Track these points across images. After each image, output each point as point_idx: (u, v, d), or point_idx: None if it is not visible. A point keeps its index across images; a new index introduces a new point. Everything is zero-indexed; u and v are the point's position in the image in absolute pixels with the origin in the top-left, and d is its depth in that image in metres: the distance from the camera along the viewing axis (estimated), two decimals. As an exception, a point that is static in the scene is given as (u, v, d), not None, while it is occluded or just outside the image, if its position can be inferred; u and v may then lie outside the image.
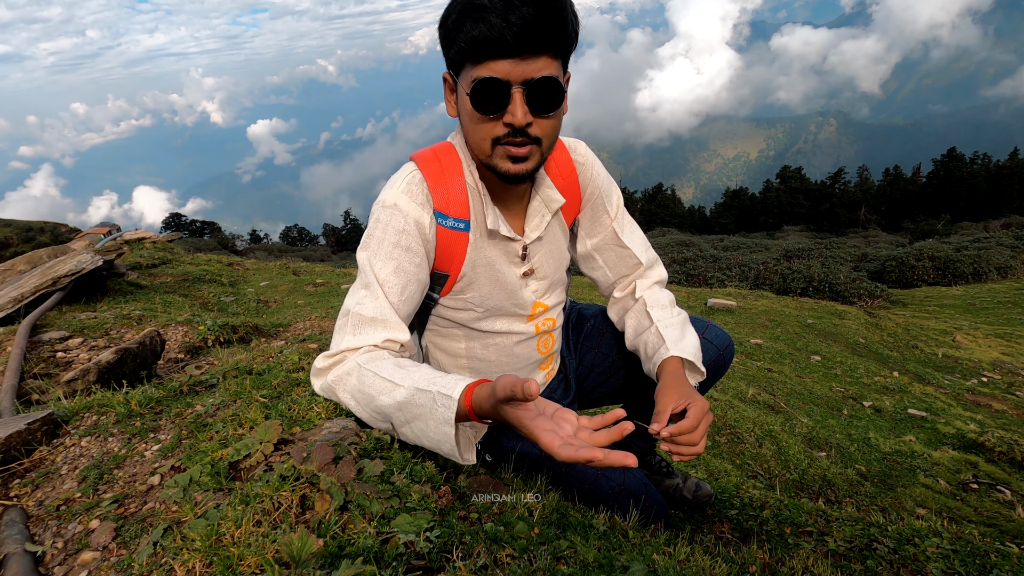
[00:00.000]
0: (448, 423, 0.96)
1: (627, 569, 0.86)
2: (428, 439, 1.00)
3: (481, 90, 1.01)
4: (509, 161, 1.07)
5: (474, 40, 0.98)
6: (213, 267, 5.84)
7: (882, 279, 15.47)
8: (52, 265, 3.31)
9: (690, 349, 1.28)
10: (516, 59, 0.99)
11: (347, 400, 1.12)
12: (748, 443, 3.26)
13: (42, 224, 19.46)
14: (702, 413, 1.09)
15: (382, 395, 1.04)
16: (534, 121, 1.04)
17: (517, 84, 1.00)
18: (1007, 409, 5.45)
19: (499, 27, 0.95)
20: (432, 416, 0.97)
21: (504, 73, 0.99)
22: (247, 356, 1.86)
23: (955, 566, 1.37)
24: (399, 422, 1.04)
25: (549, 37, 0.98)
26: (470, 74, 1.02)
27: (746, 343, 6.36)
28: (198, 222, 44.56)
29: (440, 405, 0.97)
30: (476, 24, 0.97)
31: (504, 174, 1.09)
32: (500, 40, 0.96)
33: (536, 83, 1.00)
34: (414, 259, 1.15)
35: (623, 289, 1.44)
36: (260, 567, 0.77)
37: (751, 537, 1.60)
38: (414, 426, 1.01)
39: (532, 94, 1.01)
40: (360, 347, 1.11)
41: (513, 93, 1.01)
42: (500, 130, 1.05)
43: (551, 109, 1.04)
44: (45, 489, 1.07)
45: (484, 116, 1.04)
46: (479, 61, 1.00)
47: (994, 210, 41.47)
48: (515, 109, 1.01)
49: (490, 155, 1.09)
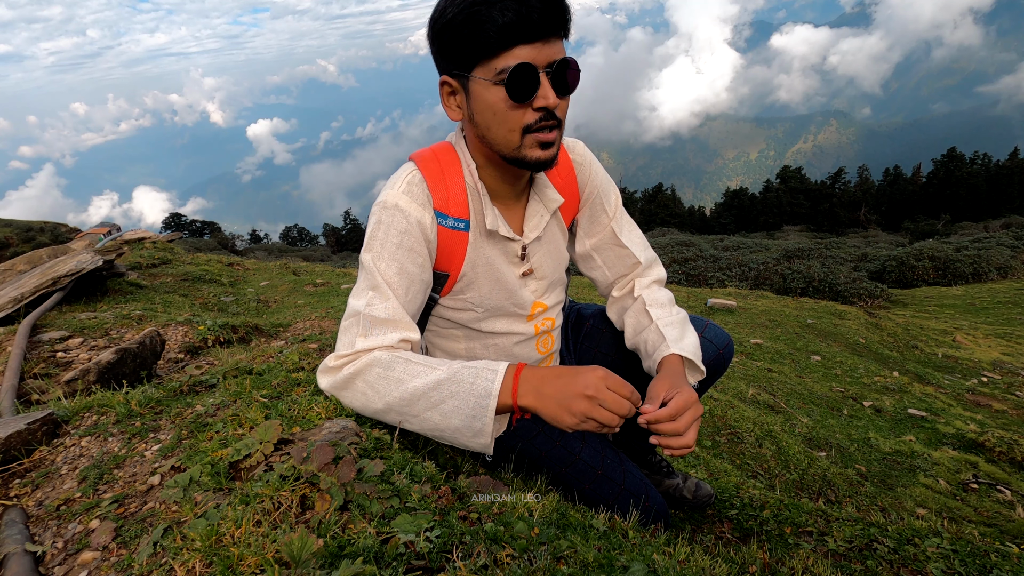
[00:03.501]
0: (490, 395, 1.01)
1: (627, 569, 0.86)
2: (459, 417, 1.03)
3: (516, 77, 1.02)
4: (539, 148, 1.09)
5: (503, 28, 0.99)
6: (213, 267, 5.83)
7: (882, 279, 15.46)
8: (52, 265, 3.31)
9: (690, 348, 1.28)
10: (540, 43, 1.02)
11: (365, 390, 1.10)
12: (748, 443, 3.26)
13: (42, 224, 19.47)
14: (684, 402, 1.09)
15: (416, 378, 1.05)
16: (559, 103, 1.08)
17: (543, 68, 1.03)
18: (1007, 409, 5.45)
19: (524, 12, 0.98)
20: (472, 391, 1.02)
21: (531, 58, 1.02)
22: (247, 356, 1.86)
23: (955, 566, 1.37)
24: (426, 406, 1.04)
25: (561, 19, 1.04)
26: (493, 66, 1.03)
27: (746, 343, 6.36)
28: (198, 222, 44.58)
29: (484, 379, 1.03)
30: (504, 12, 0.98)
31: (535, 162, 1.11)
32: (527, 23, 0.99)
33: (559, 64, 1.04)
34: (417, 259, 1.15)
35: (622, 288, 1.44)
36: (260, 567, 0.77)
37: (751, 537, 1.60)
38: (445, 406, 1.03)
39: (556, 76, 1.05)
40: (376, 347, 1.11)
41: (541, 77, 1.04)
42: (531, 117, 1.07)
43: (571, 89, 1.09)
44: (45, 489, 1.07)
45: (518, 104, 1.05)
46: (502, 51, 1.02)
47: (994, 210, 41.47)
48: (546, 92, 1.05)
49: (519, 146, 1.09)
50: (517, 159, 1.11)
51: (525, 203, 1.28)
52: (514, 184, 1.23)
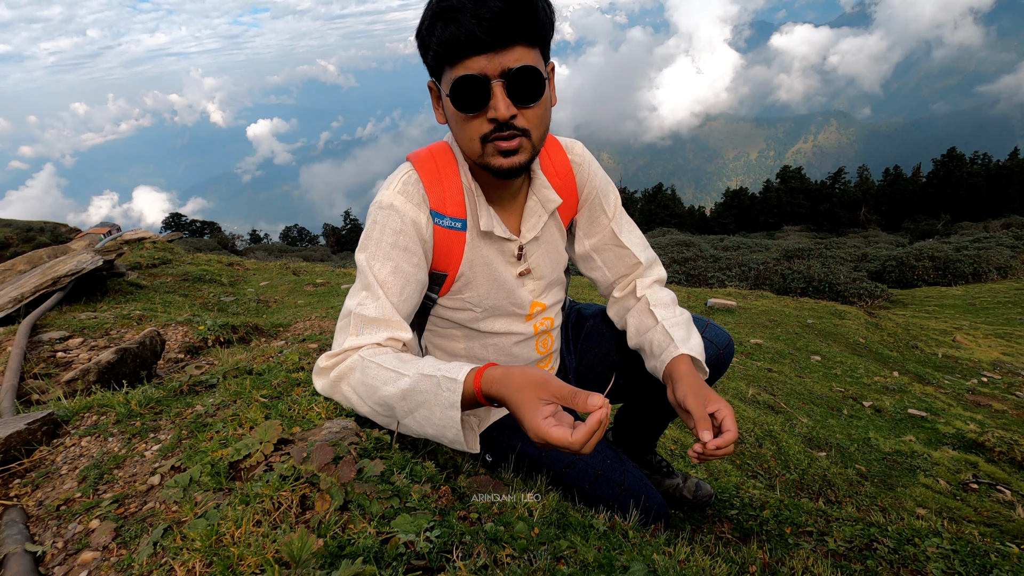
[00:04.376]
0: (453, 407, 0.97)
1: (627, 569, 0.86)
2: (433, 426, 1.00)
3: (460, 89, 1.01)
4: (500, 156, 1.07)
5: (446, 41, 0.98)
6: (213, 267, 5.83)
7: (882, 279, 15.46)
8: (52, 265, 3.31)
9: (696, 348, 1.28)
10: (491, 53, 0.99)
11: (349, 394, 1.11)
12: (748, 443, 3.26)
13: (42, 224, 19.47)
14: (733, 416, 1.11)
15: (386, 385, 1.03)
16: (519, 113, 1.04)
17: (496, 77, 1.00)
18: (1007, 409, 5.44)
19: (469, 24, 0.96)
20: (437, 401, 0.98)
21: (480, 69, 0.99)
22: (247, 356, 1.86)
23: (955, 566, 1.37)
24: (403, 412, 1.03)
25: (521, 27, 0.99)
26: (449, 76, 1.03)
27: (746, 343, 6.36)
28: (198, 222, 44.59)
29: (445, 389, 0.97)
30: (447, 26, 0.97)
31: (498, 170, 1.09)
32: (471, 36, 0.97)
33: (515, 73, 1.00)
34: (412, 259, 1.15)
35: (623, 289, 1.44)
36: (260, 567, 0.77)
37: (751, 537, 1.60)
38: (418, 415, 1.01)
39: (512, 85, 1.01)
40: (363, 345, 1.11)
41: (493, 87, 1.01)
42: (486, 127, 1.05)
43: (534, 99, 1.04)
44: (45, 489, 1.07)
45: (467, 115, 1.04)
46: (455, 61, 1.01)
47: (994, 210, 41.47)
48: (497, 103, 1.01)
49: (481, 154, 1.08)
50: (483, 166, 1.11)
51: (523, 203, 1.27)
52: (507, 185, 1.23)
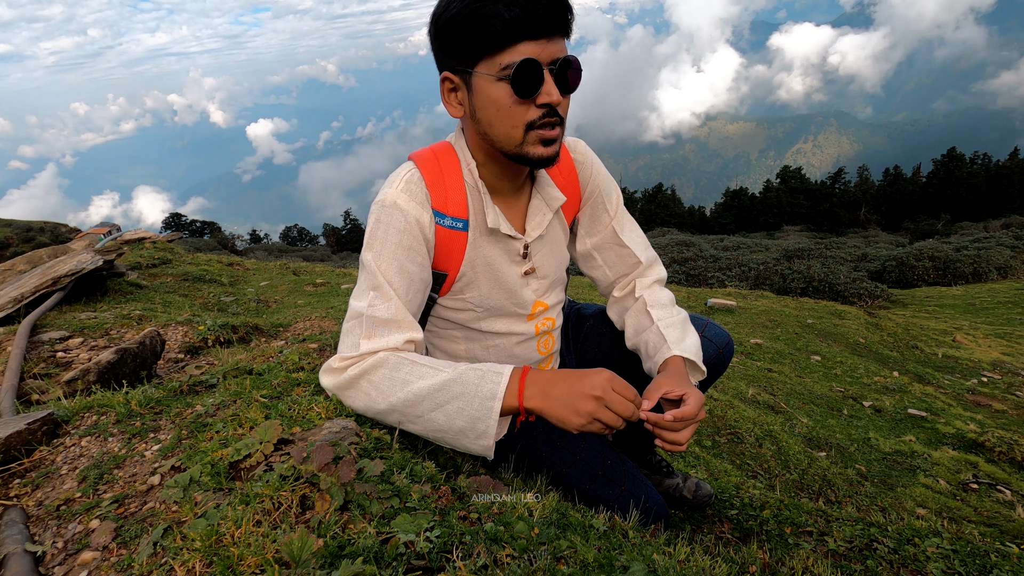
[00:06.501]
0: (495, 397, 1.02)
1: (627, 569, 0.86)
2: (463, 418, 1.04)
3: (523, 73, 1.03)
4: (541, 145, 1.10)
5: (509, 23, 1.00)
6: (213, 267, 5.83)
7: (882, 279, 15.45)
8: (52, 265, 3.31)
9: (691, 348, 1.28)
10: (544, 40, 1.04)
11: (368, 390, 1.10)
12: (748, 443, 3.26)
13: (42, 224, 19.48)
14: (700, 404, 1.12)
15: (421, 379, 1.06)
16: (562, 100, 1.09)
17: (546, 65, 1.05)
18: (1007, 409, 5.44)
19: (531, 8, 1.00)
20: (478, 392, 1.03)
21: (536, 54, 1.03)
22: (247, 356, 1.86)
23: (955, 566, 1.37)
24: (430, 407, 1.05)
25: (566, 18, 1.05)
26: (498, 61, 1.04)
27: (746, 343, 6.36)
28: (198, 222, 44.57)
29: (489, 380, 1.04)
30: (510, 7, 0.99)
31: (537, 159, 1.11)
32: (533, 19, 1.00)
33: (562, 62, 1.06)
34: (416, 258, 1.15)
35: (623, 288, 1.44)
36: (260, 567, 0.77)
37: (751, 537, 1.60)
38: (450, 407, 1.04)
39: (559, 74, 1.06)
40: (381, 349, 1.11)
41: (545, 74, 1.05)
42: (534, 113, 1.07)
43: (573, 88, 1.10)
44: (45, 489, 1.07)
45: (521, 100, 1.06)
46: (508, 46, 1.03)
47: (994, 210, 41.44)
48: (550, 89, 1.05)
49: (521, 143, 1.10)
50: (519, 156, 1.12)
51: (527, 202, 1.28)
52: (514, 181, 1.23)
